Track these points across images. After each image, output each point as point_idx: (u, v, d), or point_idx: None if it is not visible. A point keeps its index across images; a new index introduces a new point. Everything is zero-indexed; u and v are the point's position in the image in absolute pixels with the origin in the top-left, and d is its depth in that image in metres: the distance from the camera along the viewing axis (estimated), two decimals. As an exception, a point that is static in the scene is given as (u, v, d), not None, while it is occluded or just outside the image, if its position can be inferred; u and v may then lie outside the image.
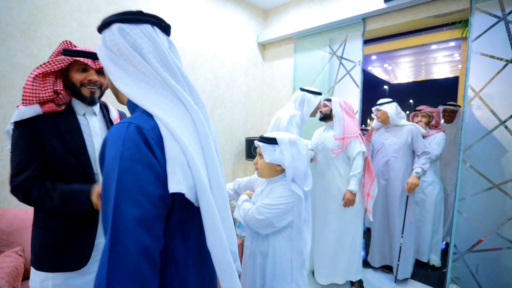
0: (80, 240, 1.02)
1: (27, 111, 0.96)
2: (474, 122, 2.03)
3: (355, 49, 2.72)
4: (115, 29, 0.63)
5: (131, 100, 0.66)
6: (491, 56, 1.93)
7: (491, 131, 1.96)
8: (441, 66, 10.81)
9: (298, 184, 1.27)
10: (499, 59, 1.90)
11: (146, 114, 0.61)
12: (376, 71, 12.33)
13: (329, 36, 2.94)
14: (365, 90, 2.74)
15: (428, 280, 2.40)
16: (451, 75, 11.63)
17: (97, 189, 0.96)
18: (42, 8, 1.87)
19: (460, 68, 8.51)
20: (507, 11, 1.86)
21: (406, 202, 2.28)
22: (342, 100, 2.16)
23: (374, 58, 9.89)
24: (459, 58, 8.42)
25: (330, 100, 2.17)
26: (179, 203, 0.62)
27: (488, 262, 2.00)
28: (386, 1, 2.32)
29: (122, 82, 0.62)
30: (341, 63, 2.85)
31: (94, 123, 1.11)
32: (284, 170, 1.29)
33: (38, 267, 1.01)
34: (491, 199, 1.97)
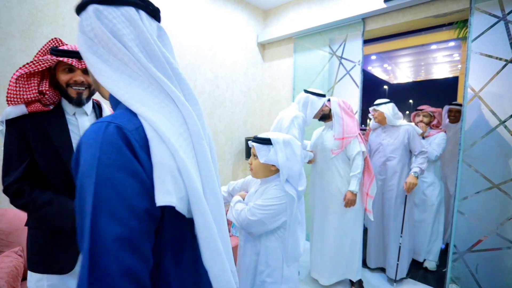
0: (70, 242, 0.99)
1: (12, 111, 0.94)
2: (473, 122, 2.03)
3: (355, 49, 2.72)
4: (91, 11, 0.54)
5: (113, 95, 0.57)
6: (491, 56, 1.93)
7: (491, 131, 1.97)
8: (440, 66, 10.83)
9: (292, 185, 1.27)
10: (499, 59, 1.90)
11: (129, 112, 0.53)
12: (376, 71, 12.35)
13: (329, 36, 2.94)
14: (365, 90, 2.74)
15: (427, 280, 2.40)
16: (451, 75, 11.64)
17: None
18: (41, 8, 1.87)
19: (459, 68, 8.52)
20: (506, 11, 1.86)
21: (405, 202, 2.28)
22: (341, 100, 2.16)
23: (374, 58, 9.90)
24: (459, 58, 8.43)
25: (329, 100, 2.18)
26: (170, 215, 0.53)
27: (488, 262, 2.00)
28: (386, 1, 2.32)
29: (101, 74, 0.54)
30: (341, 63, 2.85)
31: (84, 123, 1.08)
32: (278, 170, 1.29)
33: (31, 268, 1.01)
34: (491, 199, 1.98)
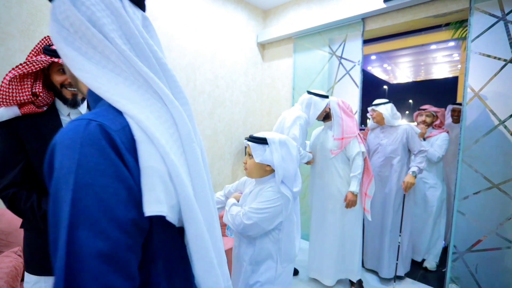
0: None
1: (4, 113, 0.93)
2: (473, 121, 2.03)
3: (354, 49, 2.72)
4: None
5: (92, 91, 0.49)
6: (491, 56, 1.93)
7: (490, 131, 1.97)
8: (440, 66, 10.83)
9: (287, 186, 1.26)
10: (498, 59, 1.90)
11: (113, 109, 0.47)
12: (376, 71, 12.34)
13: (328, 36, 2.94)
14: (364, 90, 2.74)
15: (427, 280, 2.40)
16: (451, 75, 11.64)
17: None
18: (41, 8, 1.87)
19: (459, 68, 8.51)
20: (506, 11, 1.87)
21: (403, 201, 2.28)
22: (340, 99, 2.16)
23: (373, 58, 9.90)
24: (459, 58, 8.43)
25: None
26: (159, 226, 0.48)
27: (487, 262, 2.00)
28: (386, 1, 2.32)
29: (79, 67, 0.48)
30: (340, 63, 2.85)
31: None
32: (273, 170, 1.27)
33: (28, 269, 1.00)
34: (491, 199, 1.98)
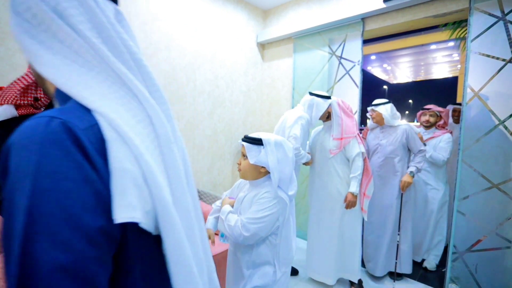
0: None
1: (1, 113, 0.93)
2: (473, 122, 2.04)
3: (354, 49, 2.72)
4: None
5: (60, 90, 0.44)
6: (490, 56, 1.93)
7: (490, 131, 1.97)
8: (440, 66, 10.84)
9: (282, 189, 1.22)
10: (498, 58, 1.90)
11: (81, 107, 0.42)
12: (376, 71, 12.36)
13: (328, 36, 2.94)
14: (364, 90, 2.74)
15: (427, 280, 2.40)
16: (450, 75, 11.66)
17: None
18: (41, 8, 1.87)
19: (459, 68, 8.52)
20: (506, 11, 1.87)
21: (401, 201, 2.29)
22: (340, 99, 2.16)
23: (373, 58, 9.91)
24: (458, 58, 8.44)
25: None
26: (135, 234, 0.42)
27: (487, 262, 2.00)
28: (385, 1, 2.32)
29: (43, 63, 0.42)
30: (340, 63, 2.85)
31: None
32: (268, 172, 1.23)
33: None
34: (491, 198, 1.98)
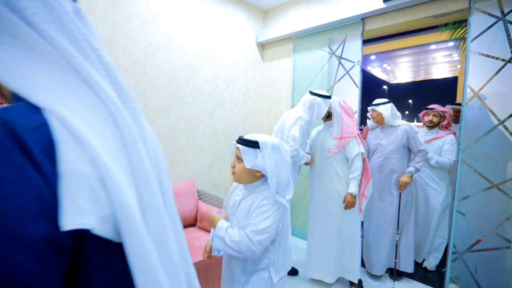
0: None
1: None
2: (473, 122, 2.04)
3: (354, 49, 2.72)
4: None
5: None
6: (490, 56, 1.93)
7: (490, 131, 1.97)
8: (440, 66, 10.84)
9: (280, 194, 1.16)
10: (498, 58, 1.90)
11: (32, 106, 0.38)
12: (375, 71, 12.36)
13: (328, 36, 2.94)
14: (364, 90, 2.73)
15: (427, 280, 2.40)
16: (450, 75, 11.66)
17: None
18: (40, 8, 1.87)
19: (459, 68, 8.53)
20: (505, 11, 1.87)
21: (399, 201, 2.29)
22: (342, 99, 2.16)
23: (373, 58, 9.91)
24: (458, 58, 8.44)
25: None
26: (94, 242, 0.39)
27: (487, 262, 2.00)
28: (385, 1, 2.32)
29: None
30: (340, 63, 2.85)
31: None
32: (263, 175, 1.17)
33: None
34: (490, 198, 1.98)
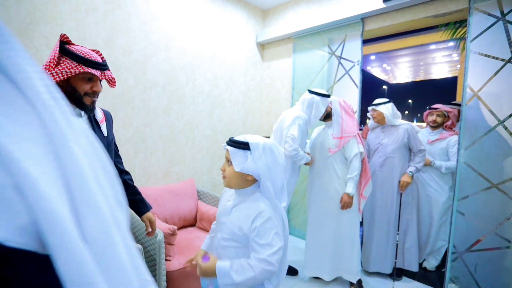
0: None
1: None
2: (473, 122, 2.04)
3: (354, 49, 2.72)
4: None
5: None
6: (489, 56, 1.93)
7: (489, 131, 1.97)
8: (440, 66, 10.84)
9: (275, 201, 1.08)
10: (497, 59, 1.90)
11: None
12: (375, 71, 12.36)
13: (328, 36, 2.93)
14: (364, 90, 2.73)
15: (427, 280, 2.40)
16: (450, 75, 11.67)
17: None
18: (40, 8, 1.86)
19: (458, 68, 8.53)
20: (505, 11, 1.87)
21: (400, 200, 2.29)
22: (342, 99, 2.16)
23: (373, 58, 9.91)
24: (458, 58, 8.44)
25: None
26: (13, 255, 0.31)
27: (486, 262, 2.00)
28: (385, 1, 2.32)
29: None
30: (340, 63, 2.85)
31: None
32: (256, 180, 1.08)
33: None
34: (490, 198, 1.97)
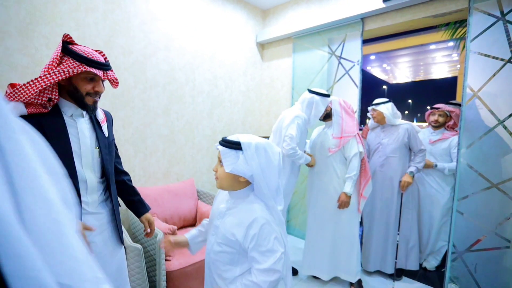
0: None
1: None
2: (472, 121, 2.04)
3: (354, 49, 2.72)
4: None
5: None
6: (489, 56, 1.93)
7: (489, 131, 1.97)
8: (439, 66, 10.85)
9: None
10: (497, 58, 1.90)
11: None
12: (375, 71, 12.36)
13: (328, 36, 2.93)
14: (364, 90, 2.73)
15: (426, 280, 2.40)
16: (450, 75, 11.67)
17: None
18: (40, 7, 1.86)
19: (458, 68, 8.54)
20: (505, 11, 1.87)
21: (401, 200, 2.29)
22: (342, 99, 2.16)
23: (373, 58, 9.91)
24: (458, 58, 8.45)
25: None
26: None
27: (486, 262, 2.00)
28: (385, 1, 2.32)
29: None
30: (340, 63, 2.85)
31: (82, 125, 1.07)
32: (249, 182, 1.03)
33: None
34: (490, 198, 1.97)
